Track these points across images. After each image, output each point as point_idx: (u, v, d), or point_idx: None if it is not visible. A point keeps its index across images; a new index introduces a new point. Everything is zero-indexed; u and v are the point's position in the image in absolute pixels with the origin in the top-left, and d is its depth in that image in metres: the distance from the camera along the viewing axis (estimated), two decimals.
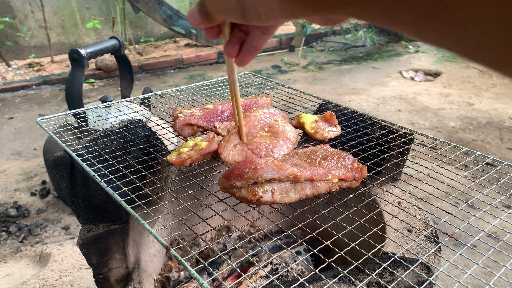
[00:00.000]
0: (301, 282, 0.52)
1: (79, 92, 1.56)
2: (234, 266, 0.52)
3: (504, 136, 2.71)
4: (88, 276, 1.55)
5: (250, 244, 1.14)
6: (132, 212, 0.58)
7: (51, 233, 1.85)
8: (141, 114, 1.06)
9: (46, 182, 2.23)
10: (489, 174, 0.78)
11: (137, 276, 0.88)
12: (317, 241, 0.56)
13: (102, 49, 1.66)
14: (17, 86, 3.69)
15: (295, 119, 0.93)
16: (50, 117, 0.93)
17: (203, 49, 4.59)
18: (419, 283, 0.55)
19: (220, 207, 1.12)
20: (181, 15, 4.60)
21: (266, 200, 0.60)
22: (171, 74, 4.18)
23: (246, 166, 0.60)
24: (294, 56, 4.76)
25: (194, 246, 1.17)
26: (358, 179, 0.67)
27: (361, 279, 0.55)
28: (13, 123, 3.06)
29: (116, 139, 0.84)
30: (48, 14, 4.21)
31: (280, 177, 0.58)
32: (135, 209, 0.58)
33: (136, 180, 0.68)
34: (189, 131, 0.83)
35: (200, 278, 0.47)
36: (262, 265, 0.95)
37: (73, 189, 0.79)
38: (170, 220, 1.09)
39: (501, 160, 0.80)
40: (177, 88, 1.15)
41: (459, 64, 4.26)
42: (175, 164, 0.72)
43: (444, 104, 3.26)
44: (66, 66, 4.14)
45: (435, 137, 0.91)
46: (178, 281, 1.04)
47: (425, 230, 0.76)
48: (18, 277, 1.56)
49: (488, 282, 0.51)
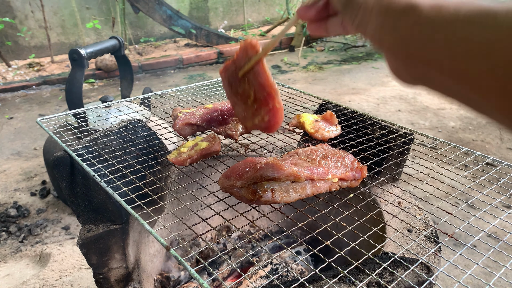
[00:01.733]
0: (301, 282, 0.52)
1: (79, 92, 1.56)
2: (234, 266, 0.52)
3: (504, 136, 2.71)
4: (88, 276, 1.55)
5: (250, 244, 1.14)
6: (132, 212, 0.58)
7: (51, 233, 1.85)
8: (141, 114, 1.06)
9: (46, 182, 2.23)
10: (489, 174, 0.78)
11: (137, 276, 0.88)
12: (317, 241, 0.56)
13: (102, 49, 1.66)
14: (17, 86, 3.69)
15: (295, 119, 0.93)
16: (50, 117, 0.93)
17: (203, 49, 4.59)
18: (419, 283, 0.55)
19: (220, 207, 1.12)
20: (181, 15, 4.60)
21: (266, 199, 0.60)
22: (171, 74, 4.18)
23: (246, 165, 0.60)
24: (294, 56, 4.76)
25: (194, 246, 1.17)
26: (358, 178, 0.67)
27: (361, 279, 0.55)
28: (13, 123, 3.06)
29: (116, 139, 0.84)
30: (48, 14, 4.21)
31: (280, 176, 0.58)
32: (135, 209, 0.58)
33: (136, 180, 0.68)
34: (189, 130, 0.83)
35: (200, 278, 0.47)
36: (262, 265, 0.95)
37: (73, 189, 0.79)
38: (170, 220, 1.09)
39: (501, 160, 0.80)
40: (177, 88, 1.15)
41: None
42: (175, 163, 0.72)
43: (444, 104, 3.26)
44: (66, 66, 4.14)
45: (435, 137, 0.91)
46: (178, 281, 1.04)
47: (425, 230, 0.76)
48: (18, 277, 1.56)
49: (488, 282, 0.51)
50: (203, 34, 4.75)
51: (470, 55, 0.27)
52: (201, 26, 4.75)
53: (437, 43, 0.30)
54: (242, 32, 5.41)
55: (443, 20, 0.29)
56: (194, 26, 4.66)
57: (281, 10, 5.47)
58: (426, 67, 0.32)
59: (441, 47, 0.29)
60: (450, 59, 0.29)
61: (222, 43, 4.80)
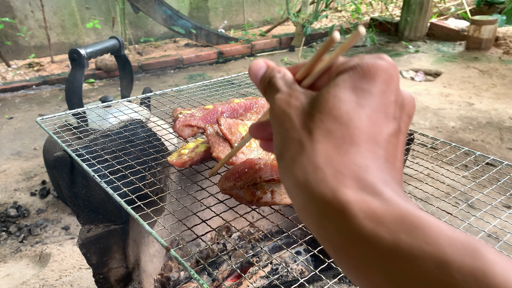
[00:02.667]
0: (301, 282, 0.52)
1: (79, 92, 1.56)
2: (234, 266, 0.52)
3: (504, 136, 2.71)
4: (88, 276, 1.55)
5: (250, 244, 1.14)
6: (132, 212, 0.58)
7: (51, 233, 1.85)
8: (141, 114, 1.06)
9: (46, 182, 2.23)
10: (489, 174, 0.77)
11: (137, 276, 0.88)
12: (317, 241, 0.56)
13: (102, 49, 1.66)
14: (17, 86, 3.69)
15: None
16: (50, 117, 0.93)
17: (203, 49, 4.59)
18: None
19: (220, 208, 1.12)
20: (181, 15, 4.60)
21: (265, 200, 0.60)
22: (171, 74, 4.18)
23: (245, 166, 0.60)
24: (294, 56, 4.76)
25: (194, 246, 1.17)
26: None
27: None
28: (13, 123, 3.06)
29: (116, 139, 0.84)
30: (48, 14, 4.21)
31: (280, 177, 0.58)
32: (135, 210, 0.58)
33: (136, 181, 0.68)
34: (189, 132, 0.83)
35: (200, 279, 0.47)
36: (262, 265, 0.95)
37: (73, 189, 0.79)
38: (170, 220, 1.09)
39: (501, 160, 0.80)
40: (177, 88, 1.15)
41: (459, 64, 4.26)
42: (175, 165, 0.72)
43: (444, 104, 3.26)
44: (66, 66, 4.14)
45: (435, 137, 0.91)
46: (178, 281, 1.04)
47: None
48: (18, 277, 1.56)
49: None
50: (203, 34, 4.75)
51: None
52: (201, 26, 4.75)
53: (373, 270, 0.22)
54: (242, 32, 5.41)
55: (381, 244, 0.22)
56: (194, 26, 4.66)
57: (281, 10, 5.46)
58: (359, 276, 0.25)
59: (377, 277, 0.22)
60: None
61: (222, 43, 4.80)
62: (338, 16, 6.02)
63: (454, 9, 5.69)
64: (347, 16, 5.67)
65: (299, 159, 0.27)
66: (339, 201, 0.23)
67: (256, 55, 4.78)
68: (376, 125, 0.27)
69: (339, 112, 0.27)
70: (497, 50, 4.49)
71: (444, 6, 5.81)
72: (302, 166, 0.26)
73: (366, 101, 0.27)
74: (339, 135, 0.26)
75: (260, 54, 4.80)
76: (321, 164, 0.25)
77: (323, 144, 0.26)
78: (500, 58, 4.30)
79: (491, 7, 5.45)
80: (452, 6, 5.81)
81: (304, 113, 0.28)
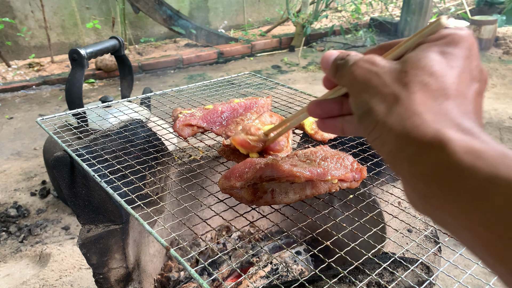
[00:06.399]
0: (301, 282, 0.52)
1: (79, 92, 1.56)
2: (234, 266, 0.52)
3: (504, 136, 2.71)
4: (88, 276, 1.55)
5: (250, 244, 1.15)
6: (132, 212, 0.58)
7: (51, 233, 1.85)
8: (141, 114, 1.06)
9: (46, 182, 2.23)
10: None
11: (137, 276, 0.88)
12: (317, 241, 0.56)
13: (102, 49, 1.66)
14: (17, 86, 3.69)
15: None
16: (50, 117, 0.93)
17: (203, 49, 4.59)
18: (419, 283, 0.55)
19: (220, 207, 1.12)
20: (181, 15, 4.60)
21: (265, 200, 0.60)
22: (171, 74, 4.18)
23: (246, 166, 0.60)
24: (294, 56, 4.76)
25: (194, 246, 1.17)
26: (358, 179, 0.67)
27: (361, 279, 0.55)
28: (13, 123, 3.06)
29: (116, 139, 0.84)
30: (48, 14, 4.21)
31: (280, 177, 0.58)
32: (135, 209, 0.58)
33: (136, 180, 0.68)
34: (189, 131, 0.83)
35: (200, 278, 0.47)
36: (262, 265, 0.95)
37: (73, 189, 0.79)
38: (170, 220, 1.09)
39: None
40: (177, 88, 1.15)
41: None
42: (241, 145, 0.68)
43: None
44: (66, 66, 4.14)
45: None
46: (178, 281, 1.04)
47: (425, 230, 0.76)
48: (18, 277, 1.56)
49: (488, 282, 0.51)
50: (203, 34, 4.74)
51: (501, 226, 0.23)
52: (201, 26, 4.75)
53: (463, 200, 0.25)
54: (242, 32, 5.41)
55: (478, 174, 0.24)
56: (194, 26, 4.66)
57: (281, 10, 5.46)
58: (445, 216, 0.27)
59: (468, 208, 0.24)
60: (475, 224, 0.24)
61: (222, 43, 4.80)
62: (338, 16, 6.01)
63: (454, 9, 5.69)
64: (347, 16, 5.67)
65: (394, 109, 0.30)
66: (441, 139, 0.27)
67: (256, 55, 4.78)
68: (464, 84, 0.31)
69: (434, 69, 0.31)
70: (497, 50, 4.49)
71: (444, 6, 5.81)
72: (398, 114, 0.30)
73: (454, 63, 0.31)
74: (435, 88, 0.30)
75: (260, 54, 4.80)
76: (420, 111, 0.29)
77: (420, 94, 0.30)
78: (500, 58, 4.30)
79: (491, 7, 5.45)
80: (452, 6, 5.81)
81: (395, 71, 0.32)
